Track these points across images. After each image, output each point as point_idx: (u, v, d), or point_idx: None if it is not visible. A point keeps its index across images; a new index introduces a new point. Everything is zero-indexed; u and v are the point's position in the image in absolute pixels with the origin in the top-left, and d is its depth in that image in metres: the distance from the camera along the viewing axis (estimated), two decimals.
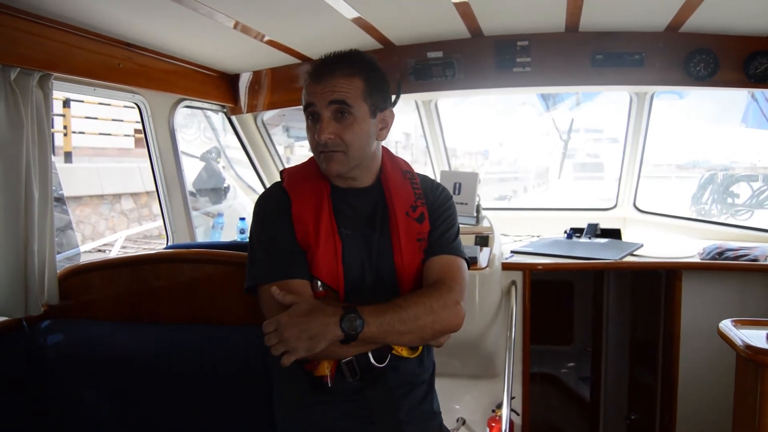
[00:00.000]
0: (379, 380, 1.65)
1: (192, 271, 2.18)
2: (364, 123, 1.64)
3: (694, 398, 3.04)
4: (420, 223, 1.70)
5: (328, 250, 1.64)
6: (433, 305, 1.57)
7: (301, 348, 1.47)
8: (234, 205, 4.82)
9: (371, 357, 1.63)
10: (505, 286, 3.03)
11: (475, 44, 3.23)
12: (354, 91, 1.62)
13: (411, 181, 1.77)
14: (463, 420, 3.02)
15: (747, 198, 5.79)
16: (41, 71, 2.11)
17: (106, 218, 9.39)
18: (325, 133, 1.61)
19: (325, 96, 1.61)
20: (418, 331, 1.56)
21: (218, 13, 2.38)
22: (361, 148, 1.65)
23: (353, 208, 1.71)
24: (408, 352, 1.68)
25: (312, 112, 1.64)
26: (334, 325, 1.48)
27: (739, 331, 1.94)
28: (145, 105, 3.04)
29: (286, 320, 1.48)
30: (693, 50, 3.03)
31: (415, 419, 1.73)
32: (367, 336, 1.51)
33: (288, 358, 1.48)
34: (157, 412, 2.07)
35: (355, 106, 1.62)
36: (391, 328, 1.53)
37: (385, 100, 1.71)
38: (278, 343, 1.48)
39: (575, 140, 6.32)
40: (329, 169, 1.65)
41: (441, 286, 1.62)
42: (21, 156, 2.02)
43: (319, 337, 1.48)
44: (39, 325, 2.13)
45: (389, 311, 1.53)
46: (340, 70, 1.63)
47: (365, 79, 1.65)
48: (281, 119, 5.69)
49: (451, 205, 1.79)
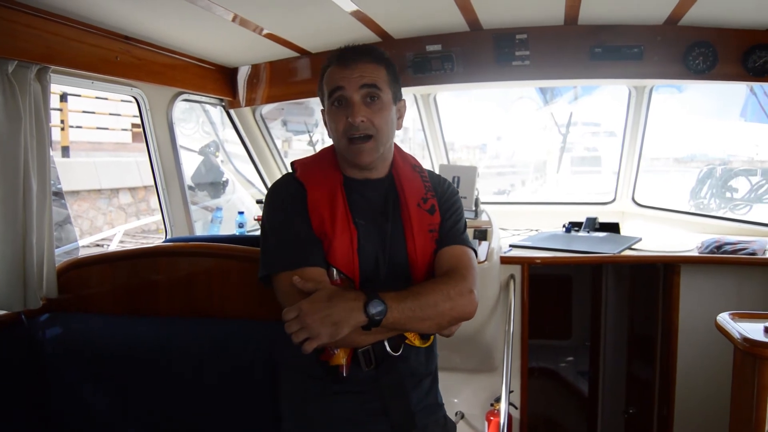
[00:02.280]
0: (391, 370, 1.67)
1: (190, 264, 2.18)
2: (390, 109, 1.70)
3: (692, 392, 3.05)
4: (431, 214, 1.73)
5: (344, 240, 1.65)
6: (450, 292, 1.59)
7: (325, 333, 1.47)
8: (232, 199, 4.82)
9: (387, 345, 1.64)
10: (504, 280, 3.03)
11: (473, 37, 3.22)
12: (381, 77, 1.68)
13: (420, 174, 1.80)
14: (462, 414, 3.03)
15: (745, 192, 5.80)
16: (39, 64, 2.10)
17: (104, 213, 9.38)
18: (358, 116, 1.63)
19: (356, 80, 1.64)
20: (436, 318, 1.58)
21: (217, 6, 2.37)
22: (388, 134, 1.70)
23: (366, 198, 1.73)
24: (420, 342, 1.69)
25: (340, 97, 1.66)
26: (357, 310, 1.49)
27: (736, 324, 1.94)
28: (143, 98, 3.03)
29: (307, 306, 1.48)
30: (692, 43, 3.02)
31: (423, 410, 1.75)
32: (389, 322, 1.52)
33: (310, 344, 1.47)
34: (156, 405, 2.07)
35: (383, 90, 1.67)
36: (412, 314, 1.54)
37: (400, 91, 1.77)
38: (300, 329, 1.47)
39: (573, 134, 6.33)
40: (361, 160, 1.67)
41: (455, 275, 1.64)
42: (19, 149, 2.02)
43: (343, 322, 1.48)
44: (38, 318, 2.13)
45: (410, 297, 1.55)
46: (366, 57, 1.68)
47: (387, 67, 1.70)
48: (280, 113, 5.68)
49: (458, 199, 1.82)
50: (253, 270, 2.12)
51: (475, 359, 2.98)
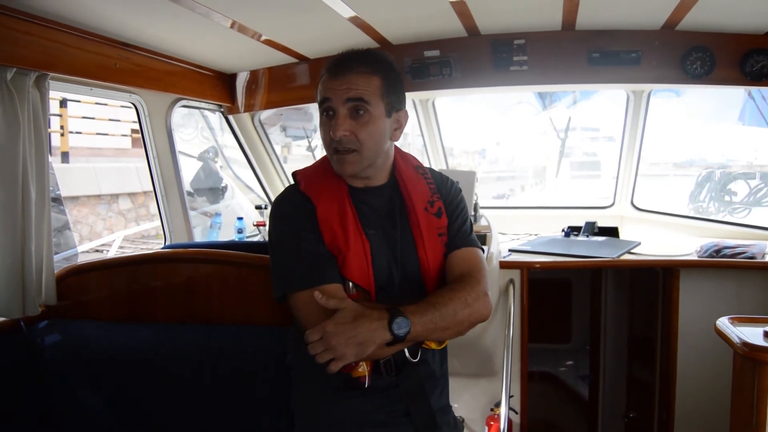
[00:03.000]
0: (412, 375, 1.67)
1: (189, 270, 2.19)
2: (380, 122, 1.64)
3: (692, 396, 3.04)
4: (439, 218, 1.73)
5: (357, 252, 1.63)
6: (467, 299, 1.60)
7: (350, 354, 1.48)
8: (232, 204, 4.82)
9: (407, 352, 1.64)
10: (503, 285, 3.03)
11: (471, 43, 3.23)
12: (372, 89, 1.61)
13: (424, 176, 1.78)
14: (462, 419, 3.00)
15: (744, 196, 5.80)
16: (38, 71, 2.11)
17: (104, 218, 9.38)
18: (340, 130, 1.59)
19: (342, 93, 1.60)
20: (456, 326, 1.60)
21: (215, 12, 2.37)
22: (375, 147, 1.65)
23: (372, 207, 1.71)
24: (436, 344, 1.70)
25: (327, 108, 1.63)
26: (382, 329, 1.49)
27: (736, 328, 1.94)
28: (142, 105, 3.03)
29: (332, 328, 1.47)
30: (690, 48, 3.03)
31: (438, 412, 1.76)
32: (413, 336, 1.53)
33: (336, 365, 1.48)
34: (155, 412, 2.07)
35: (372, 104, 1.61)
36: (434, 325, 1.55)
37: (400, 100, 1.71)
38: (325, 351, 1.47)
39: (572, 138, 6.33)
40: (343, 170, 1.65)
41: (470, 279, 1.65)
42: (18, 156, 2.02)
43: (369, 342, 1.49)
44: (36, 325, 2.13)
45: (430, 310, 1.55)
46: (359, 67, 1.62)
47: (383, 78, 1.64)
48: (278, 119, 5.69)
49: (462, 198, 1.82)
50: (252, 275, 2.13)
51: (475, 364, 2.97)
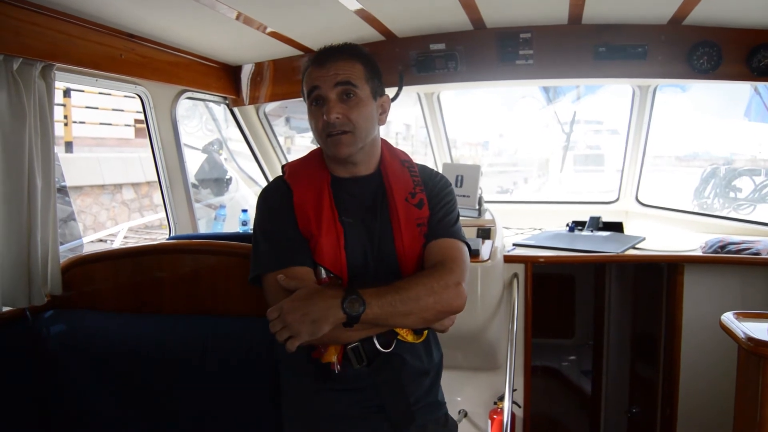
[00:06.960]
0: (386, 367, 1.67)
1: (194, 262, 2.19)
2: (369, 104, 1.70)
3: (696, 391, 3.04)
4: (419, 208, 1.72)
5: (330, 238, 1.66)
6: (433, 285, 1.58)
7: (305, 332, 1.48)
8: (236, 196, 4.83)
9: (376, 342, 1.64)
10: (507, 279, 3.03)
11: (477, 36, 3.22)
12: (357, 74, 1.68)
13: (409, 169, 1.79)
14: (465, 412, 3.04)
15: (749, 192, 5.80)
16: (44, 62, 2.11)
17: (107, 208, 9.40)
18: (333, 113, 1.64)
19: (331, 78, 1.65)
20: (420, 312, 1.58)
21: (220, 4, 2.37)
22: (367, 128, 1.69)
23: (354, 196, 1.74)
24: (413, 337, 1.69)
25: (317, 97, 1.68)
26: (335, 308, 1.50)
27: (741, 323, 1.94)
28: (147, 96, 3.04)
29: (288, 305, 1.50)
30: (696, 43, 3.01)
31: (423, 408, 1.75)
32: (370, 317, 1.52)
33: (292, 343, 1.49)
34: (160, 402, 2.08)
35: (359, 87, 1.67)
36: (393, 308, 1.54)
37: (381, 86, 1.78)
38: (282, 328, 1.49)
39: (576, 132, 6.32)
40: (339, 152, 1.68)
41: (441, 268, 1.63)
42: (23, 146, 2.02)
43: (322, 319, 1.49)
44: (42, 315, 2.14)
45: (390, 292, 1.55)
46: (342, 56, 1.69)
47: (364, 64, 1.71)
48: (283, 111, 5.68)
49: (450, 192, 1.81)
50: None
51: (479, 357, 2.98)
